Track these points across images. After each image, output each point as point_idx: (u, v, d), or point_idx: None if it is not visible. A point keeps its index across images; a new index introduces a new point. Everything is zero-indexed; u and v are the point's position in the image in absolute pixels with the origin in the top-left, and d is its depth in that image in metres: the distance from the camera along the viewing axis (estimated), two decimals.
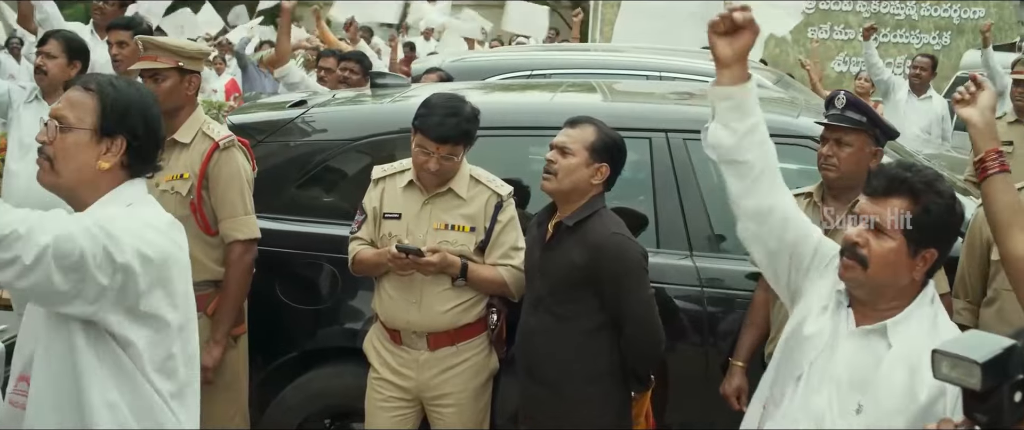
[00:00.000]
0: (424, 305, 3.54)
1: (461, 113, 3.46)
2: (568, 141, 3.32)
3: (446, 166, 3.47)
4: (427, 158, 3.45)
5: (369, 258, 3.62)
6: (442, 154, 3.44)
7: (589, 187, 3.33)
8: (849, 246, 2.40)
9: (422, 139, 3.45)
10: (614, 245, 3.25)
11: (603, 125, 3.37)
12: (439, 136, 3.41)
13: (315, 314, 4.05)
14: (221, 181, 3.68)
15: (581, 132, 3.33)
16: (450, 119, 3.43)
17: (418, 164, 3.51)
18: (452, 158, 3.46)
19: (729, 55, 2.46)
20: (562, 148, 3.32)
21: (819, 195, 3.58)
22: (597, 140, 3.31)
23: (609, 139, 3.33)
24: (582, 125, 3.35)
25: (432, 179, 3.52)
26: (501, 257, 3.59)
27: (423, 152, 3.46)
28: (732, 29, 2.42)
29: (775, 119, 4.09)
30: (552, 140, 3.37)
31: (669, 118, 4.16)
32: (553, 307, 3.36)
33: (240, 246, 3.70)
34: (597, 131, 3.33)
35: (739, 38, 2.43)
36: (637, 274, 3.28)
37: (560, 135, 3.36)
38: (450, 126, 3.41)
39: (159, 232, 2.25)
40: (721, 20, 2.40)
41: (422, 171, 3.50)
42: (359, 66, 6.31)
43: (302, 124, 4.31)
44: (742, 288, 3.82)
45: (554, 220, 3.41)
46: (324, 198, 4.24)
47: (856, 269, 2.39)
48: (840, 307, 2.49)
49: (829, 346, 2.45)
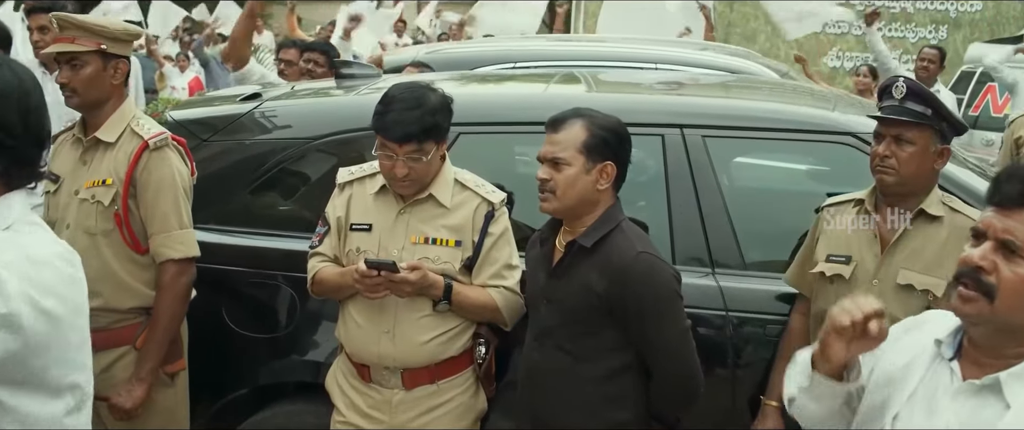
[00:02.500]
0: (399, 335, 2.99)
1: (424, 104, 2.91)
2: (557, 150, 2.74)
3: (416, 169, 2.92)
4: (392, 163, 2.92)
5: (332, 278, 3.06)
6: (407, 154, 2.89)
7: (597, 195, 2.76)
8: (970, 271, 1.83)
9: (382, 140, 2.92)
10: (642, 268, 2.68)
11: (591, 114, 2.79)
12: (400, 135, 2.87)
13: (270, 344, 3.51)
14: (151, 188, 3.08)
15: (568, 134, 2.75)
16: (410, 113, 2.88)
17: (384, 171, 2.98)
18: (420, 158, 2.91)
19: (842, 359, 1.95)
20: (553, 160, 2.73)
21: (872, 202, 3.01)
22: (589, 137, 2.73)
23: (604, 130, 2.75)
24: (567, 124, 2.76)
25: (405, 186, 2.96)
26: (492, 277, 3.03)
27: (386, 156, 2.93)
28: (861, 335, 1.90)
29: (810, 113, 3.60)
30: (539, 152, 2.78)
31: (685, 111, 3.57)
32: (565, 343, 2.79)
33: (174, 267, 3.11)
34: (586, 125, 2.75)
35: (862, 344, 1.92)
36: (670, 302, 2.72)
37: (545, 144, 2.78)
38: (411, 120, 2.87)
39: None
40: (851, 325, 1.89)
41: (390, 179, 2.97)
42: (325, 57, 5.69)
43: (255, 120, 3.75)
44: (773, 312, 3.28)
45: (562, 237, 2.82)
46: (281, 206, 3.69)
47: (979, 302, 1.82)
48: (938, 361, 1.92)
49: (927, 409, 1.89)
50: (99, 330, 3.08)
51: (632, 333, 2.73)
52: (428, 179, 2.99)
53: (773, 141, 3.53)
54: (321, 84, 4.72)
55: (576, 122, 2.75)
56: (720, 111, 3.61)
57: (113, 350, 3.13)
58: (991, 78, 9.21)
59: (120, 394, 3.06)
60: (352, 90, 3.99)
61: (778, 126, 3.48)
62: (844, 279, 2.96)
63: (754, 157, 3.90)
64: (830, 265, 3.00)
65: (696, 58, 5.93)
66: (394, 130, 2.87)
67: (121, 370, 3.14)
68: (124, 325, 3.13)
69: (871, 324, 1.87)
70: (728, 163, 3.60)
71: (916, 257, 2.89)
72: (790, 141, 3.51)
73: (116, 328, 3.12)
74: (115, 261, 3.08)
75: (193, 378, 3.33)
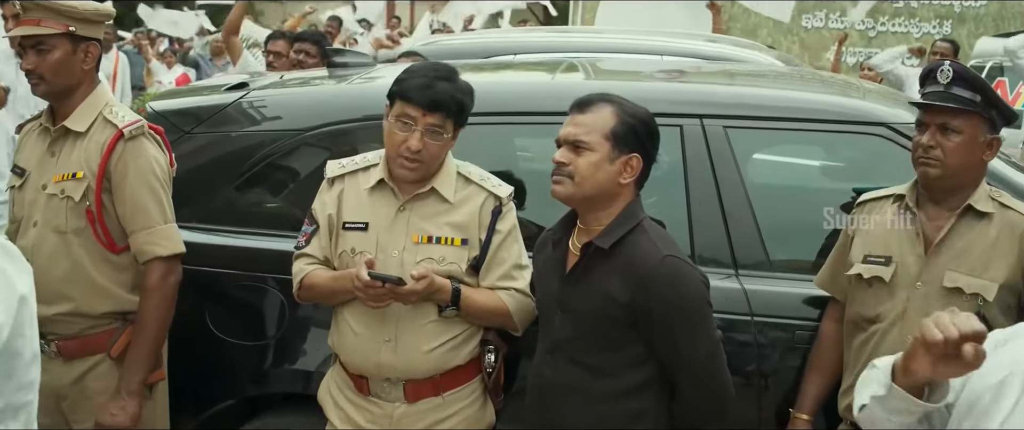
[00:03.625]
0: (401, 343, 2.73)
1: (455, 80, 2.71)
2: (580, 132, 2.48)
3: (431, 148, 2.68)
4: (407, 134, 2.65)
5: (324, 282, 2.80)
6: (430, 125, 2.65)
7: (617, 189, 2.51)
8: None
9: (403, 106, 2.66)
10: (668, 273, 2.43)
11: (623, 102, 2.54)
12: (427, 100, 2.63)
13: (257, 351, 3.25)
14: (128, 180, 2.82)
15: (595, 116, 2.50)
16: (442, 82, 2.66)
17: (394, 145, 2.70)
18: (441, 134, 2.67)
19: (925, 376, 1.70)
20: (575, 143, 2.48)
21: (913, 198, 2.76)
22: (618, 124, 2.48)
23: (635, 119, 2.51)
24: (596, 107, 2.51)
25: (411, 170, 2.70)
26: (502, 278, 2.78)
27: (403, 125, 2.67)
28: (954, 355, 1.63)
29: (839, 102, 3.37)
30: (559, 133, 2.53)
31: (705, 100, 3.32)
32: (581, 356, 2.53)
33: (161, 266, 2.86)
34: (616, 112, 2.50)
35: (951, 367, 1.65)
36: (699, 312, 2.47)
37: (568, 125, 2.53)
38: (442, 90, 2.65)
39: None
40: (944, 343, 1.61)
41: (399, 157, 2.69)
42: (316, 48, 5.43)
43: (242, 110, 3.50)
44: (802, 317, 3.04)
45: (576, 238, 2.57)
46: (269, 203, 3.43)
47: None
48: None
49: None
50: (71, 337, 2.87)
51: (657, 345, 2.47)
52: (434, 167, 2.74)
53: (800, 132, 3.29)
54: (313, 74, 4.46)
55: (605, 106, 2.51)
56: (742, 100, 3.36)
57: (86, 359, 2.89)
58: (1002, 72, 9.01)
59: (111, 413, 2.81)
60: (346, 79, 3.73)
61: (805, 116, 3.24)
62: (884, 282, 2.72)
63: (780, 150, 3.66)
64: (868, 267, 2.76)
65: (706, 50, 5.72)
66: (422, 94, 2.63)
67: (95, 381, 2.90)
68: (98, 331, 2.88)
69: (966, 347, 1.60)
70: (751, 156, 3.34)
71: (963, 257, 2.66)
72: (818, 132, 3.27)
73: (89, 335, 2.88)
74: (88, 262, 2.83)
75: (174, 389, 3.09)
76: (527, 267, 2.82)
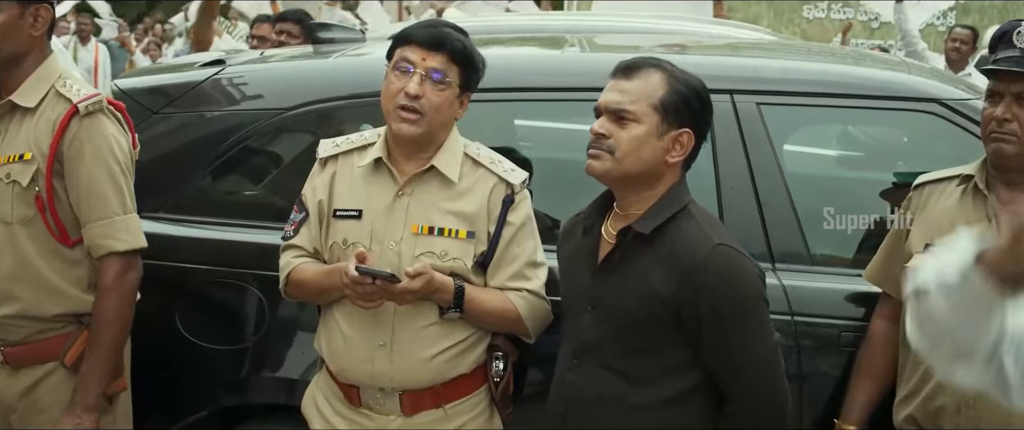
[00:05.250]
0: (397, 349, 2.44)
1: (463, 33, 2.48)
2: (625, 100, 2.16)
3: (431, 98, 2.40)
4: (404, 81, 2.40)
5: (313, 278, 2.51)
6: (432, 67, 2.39)
7: (663, 169, 2.20)
8: None
9: (403, 51, 2.43)
10: (720, 264, 2.12)
11: (675, 69, 2.23)
12: (430, 37, 2.41)
13: (234, 357, 2.99)
14: (83, 163, 2.49)
15: (644, 83, 2.18)
16: (448, 29, 2.46)
17: (391, 96, 2.42)
18: (443, 80, 2.40)
19: None
20: (618, 112, 2.16)
21: (983, 178, 2.44)
22: (669, 93, 2.17)
23: (689, 89, 2.20)
24: (644, 72, 2.20)
25: (411, 123, 2.40)
26: (513, 277, 2.48)
27: (400, 72, 2.41)
28: None
29: (886, 76, 3.08)
30: (599, 100, 2.21)
31: (735, 74, 3.01)
32: (614, 360, 2.21)
33: (118, 262, 2.53)
34: (667, 79, 2.19)
35: None
36: (755, 310, 2.16)
37: (610, 91, 2.21)
38: (447, 33, 2.44)
39: None
40: None
41: (396, 109, 2.40)
42: (299, 28, 5.09)
43: (218, 87, 3.21)
44: (847, 316, 2.75)
45: (611, 223, 2.24)
46: (247, 191, 3.16)
47: None
48: None
49: None
50: (18, 343, 2.54)
51: (704, 349, 2.16)
52: (437, 128, 2.44)
53: (842, 110, 3.00)
54: (296, 50, 4.14)
55: (654, 73, 2.20)
56: (778, 74, 3.05)
57: (37, 367, 2.57)
58: None
59: None
60: (332, 54, 3.41)
61: (848, 91, 2.95)
62: None
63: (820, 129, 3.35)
64: None
65: (712, 32, 5.40)
66: (424, 32, 2.43)
67: (47, 392, 2.57)
68: (50, 336, 2.55)
69: None
70: (789, 134, 3.03)
71: None
72: (863, 110, 2.99)
73: (39, 340, 2.56)
74: (37, 256, 2.50)
75: (138, 400, 2.79)
76: (542, 265, 2.52)
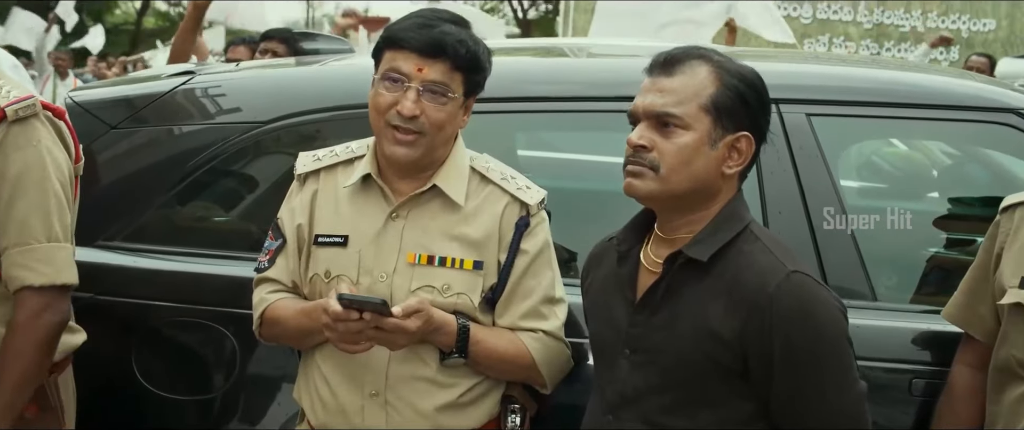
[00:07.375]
0: (392, 399, 2.08)
1: (463, 24, 2.06)
2: (669, 103, 1.76)
3: (431, 115, 2.02)
4: (396, 95, 2.01)
5: (292, 317, 2.14)
6: (430, 81, 2.00)
7: (719, 183, 1.80)
8: None
9: (392, 57, 2.02)
10: (796, 296, 1.72)
11: (723, 59, 1.83)
12: (424, 41, 1.99)
13: (200, 409, 2.63)
14: (8, 178, 2.10)
15: (689, 79, 1.78)
16: (448, 25, 2.02)
17: (380, 113, 2.04)
18: (443, 94, 2.01)
19: None
20: (660, 117, 1.76)
21: None
22: (721, 90, 1.77)
23: (743, 83, 1.80)
24: (688, 65, 1.79)
25: (407, 145, 2.03)
26: (526, 316, 2.11)
27: (390, 83, 2.02)
28: None
29: (954, 84, 2.77)
30: (634, 103, 1.82)
31: (782, 82, 2.63)
32: (661, 415, 1.80)
33: (33, 298, 2.11)
34: (717, 73, 1.79)
35: None
36: (839, 351, 1.76)
37: (648, 93, 1.80)
38: (446, 32, 2.01)
39: None
40: None
41: (387, 128, 2.03)
42: (284, 46, 4.70)
43: (185, 99, 2.85)
44: (919, 361, 2.38)
45: (652, 248, 1.85)
46: (216, 217, 2.82)
47: None
48: None
49: None
50: None
51: (776, 400, 1.76)
52: (439, 147, 2.06)
53: (904, 121, 2.63)
54: (276, 61, 3.77)
55: (701, 65, 1.79)
56: (830, 81, 2.69)
57: None
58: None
59: None
60: (314, 63, 3.06)
61: (911, 101, 2.59)
62: None
63: (880, 144, 3.00)
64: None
65: None
66: (418, 34, 2.00)
67: None
68: None
69: None
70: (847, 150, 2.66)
71: None
72: (929, 121, 2.63)
73: None
74: None
75: None
76: (561, 301, 2.15)
